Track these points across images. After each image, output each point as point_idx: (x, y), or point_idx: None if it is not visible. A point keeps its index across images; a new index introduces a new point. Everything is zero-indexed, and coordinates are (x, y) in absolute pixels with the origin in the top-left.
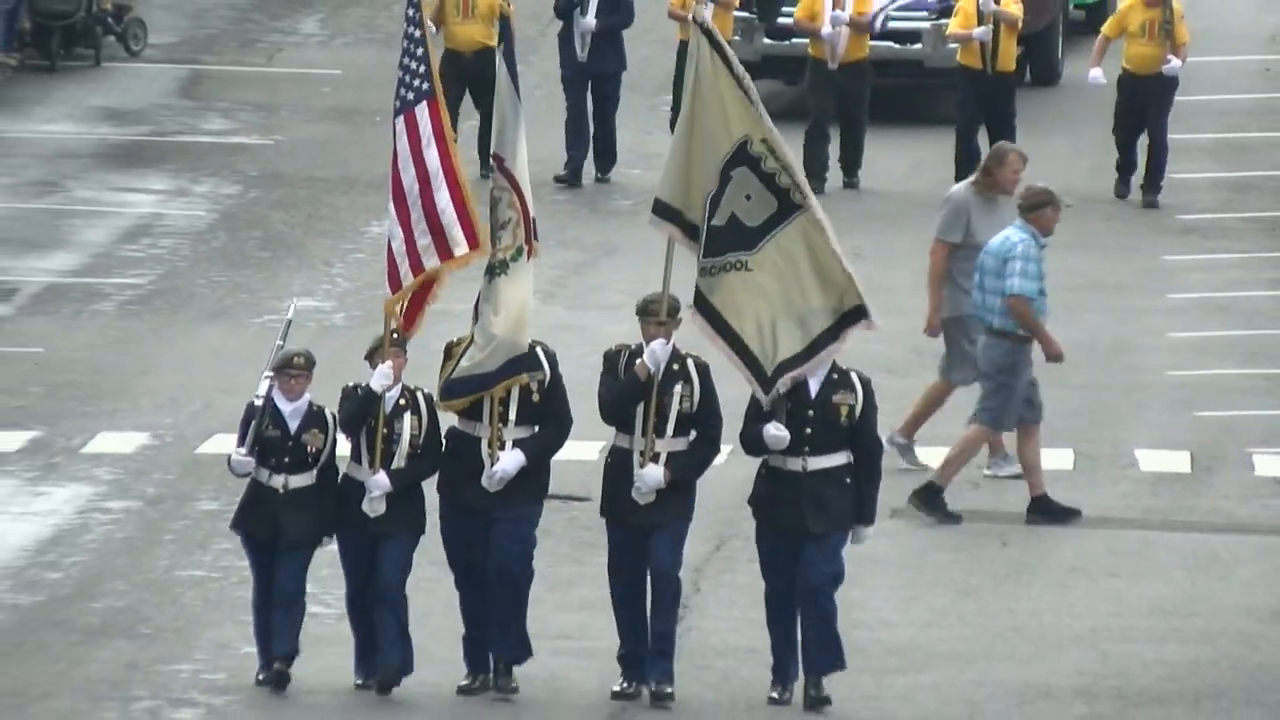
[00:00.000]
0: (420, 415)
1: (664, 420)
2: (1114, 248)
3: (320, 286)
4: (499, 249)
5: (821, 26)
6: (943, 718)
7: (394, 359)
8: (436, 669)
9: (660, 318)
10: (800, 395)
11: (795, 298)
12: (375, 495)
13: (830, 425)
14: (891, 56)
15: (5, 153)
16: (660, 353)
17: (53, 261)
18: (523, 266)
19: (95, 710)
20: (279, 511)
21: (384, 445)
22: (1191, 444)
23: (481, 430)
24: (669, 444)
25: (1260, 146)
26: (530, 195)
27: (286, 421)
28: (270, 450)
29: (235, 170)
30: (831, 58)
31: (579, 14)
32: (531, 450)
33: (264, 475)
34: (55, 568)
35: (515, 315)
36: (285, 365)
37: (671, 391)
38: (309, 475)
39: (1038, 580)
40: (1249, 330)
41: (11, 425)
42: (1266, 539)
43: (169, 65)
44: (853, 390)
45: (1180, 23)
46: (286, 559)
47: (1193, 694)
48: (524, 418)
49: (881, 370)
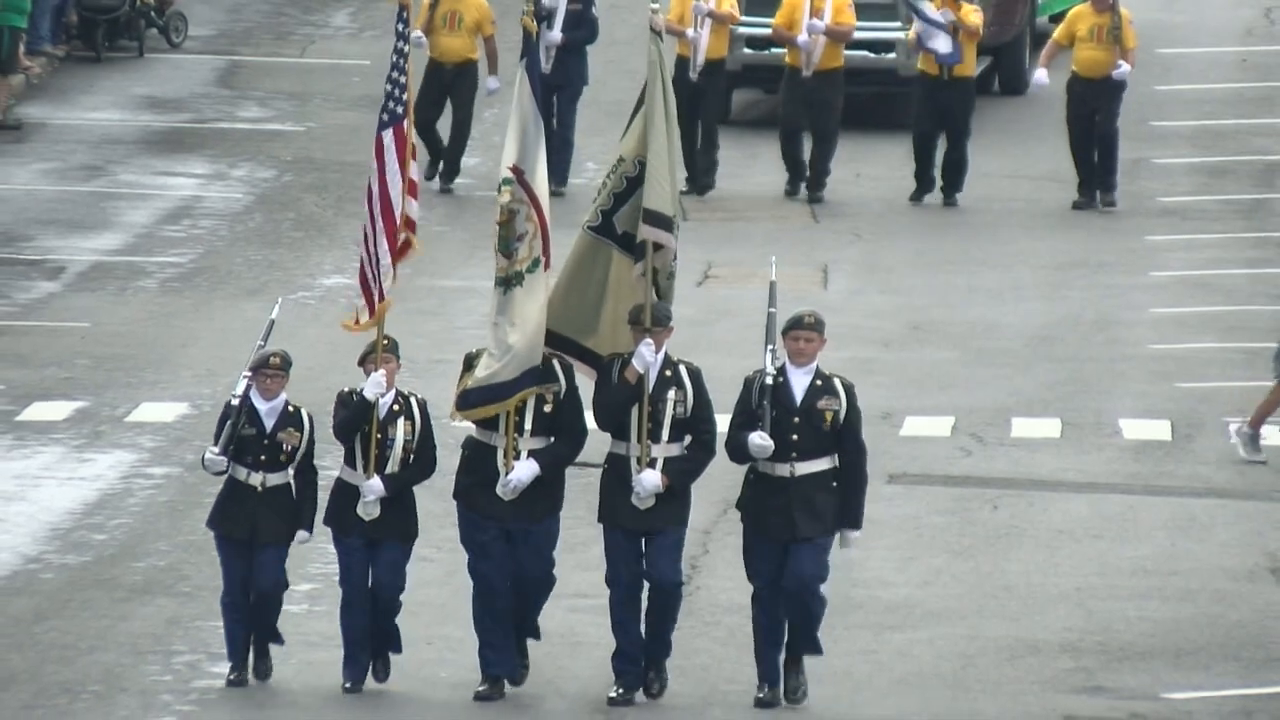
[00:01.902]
0: (414, 420)
1: (658, 426)
2: (1098, 229)
3: (350, 265)
4: (516, 260)
5: (799, 34)
6: (937, 671)
7: (386, 366)
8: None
9: (645, 325)
10: (785, 402)
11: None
12: (369, 500)
13: (815, 430)
14: (866, 65)
15: (54, 139)
16: (648, 355)
17: (98, 241)
18: (539, 278)
19: (139, 663)
20: (256, 509)
21: (378, 450)
22: (1172, 413)
23: (497, 440)
24: (664, 449)
25: (1237, 133)
26: (548, 208)
27: (263, 420)
28: (246, 449)
29: (270, 155)
30: (806, 65)
31: (545, 28)
32: (546, 460)
33: (241, 473)
34: (101, 530)
35: (532, 327)
36: (262, 365)
37: (665, 397)
38: (284, 474)
39: (1027, 542)
40: (1226, 306)
41: (59, 396)
42: (1242, 503)
43: (208, 56)
44: (836, 396)
45: (1128, 27)
46: (264, 555)
47: (1173, 649)
48: (539, 428)
49: (879, 344)
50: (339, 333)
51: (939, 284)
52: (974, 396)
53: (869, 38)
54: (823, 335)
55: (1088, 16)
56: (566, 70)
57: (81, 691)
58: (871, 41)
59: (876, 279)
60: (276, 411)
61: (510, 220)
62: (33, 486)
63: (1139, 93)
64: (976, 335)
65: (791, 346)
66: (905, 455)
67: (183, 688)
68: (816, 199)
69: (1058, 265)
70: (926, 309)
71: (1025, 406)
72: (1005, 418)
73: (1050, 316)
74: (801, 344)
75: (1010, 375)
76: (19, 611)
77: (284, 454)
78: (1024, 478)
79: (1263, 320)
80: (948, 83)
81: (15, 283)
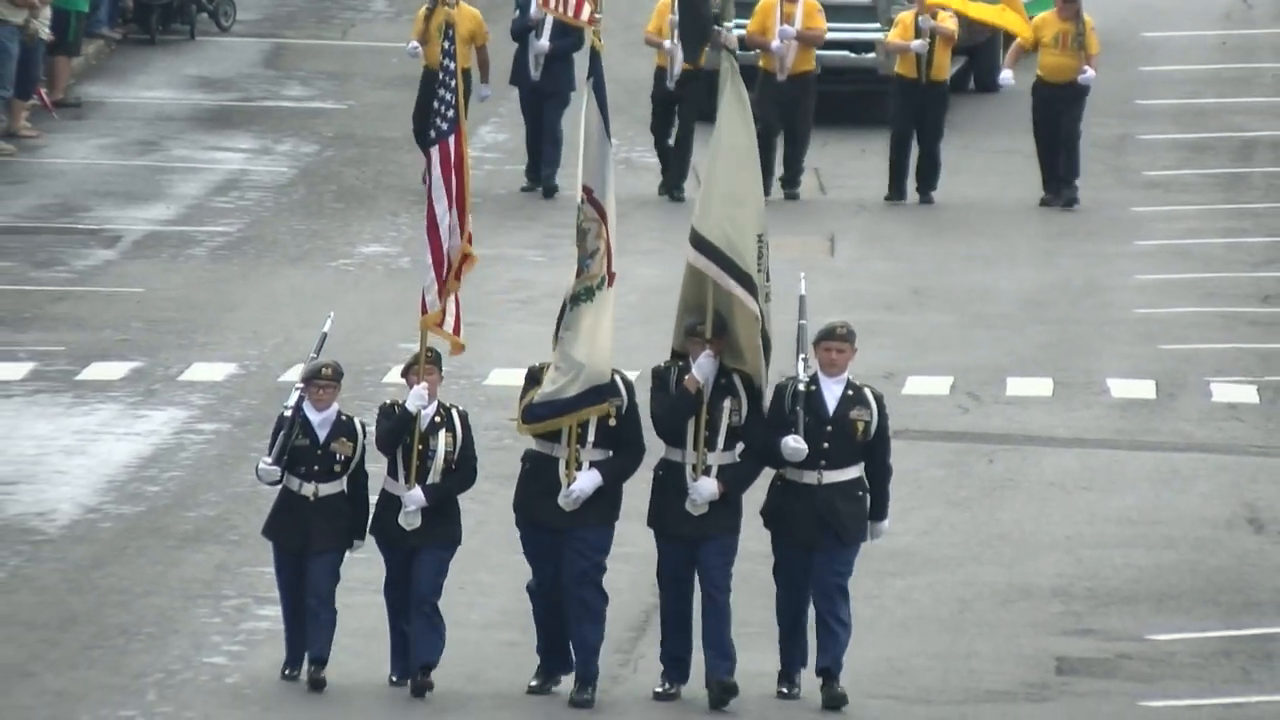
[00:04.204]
0: (455, 432)
1: (714, 434)
2: (1087, 201)
3: (388, 234)
4: (586, 276)
5: (772, 40)
6: (936, 615)
7: (429, 378)
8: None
9: (706, 336)
10: (818, 411)
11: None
12: (411, 510)
13: (846, 440)
14: (846, 65)
15: (111, 116)
16: (708, 366)
17: (152, 212)
18: (606, 294)
19: (190, 606)
20: (310, 519)
21: (419, 461)
22: (1156, 373)
23: (559, 451)
24: (719, 457)
25: (1216, 111)
26: (614, 226)
27: (315, 431)
28: (300, 459)
29: (313, 131)
30: (780, 70)
31: (534, 37)
32: (607, 473)
33: (295, 484)
34: (154, 482)
35: (601, 342)
36: (314, 376)
37: (721, 406)
38: (338, 483)
39: (1020, 494)
40: (1207, 273)
41: (116, 357)
42: (1221, 457)
43: (254, 39)
44: (868, 406)
45: (1091, 34)
46: (318, 564)
47: (1156, 593)
48: (601, 441)
49: (882, 308)
50: (378, 296)
51: (939, 252)
52: (971, 357)
53: (848, 38)
54: (854, 345)
55: (1053, 23)
56: (555, 78)
57: (137, 633)
58: (851, 42)
59: (880, 247)
60: (329, 422)
61: (584, 239)
62: (92, 441)
63: (1125, 74)
64: (973, 300)
65: (824, 357)
66: (906, 412)
67: (231, 629)
68: (792, 195)
69: (1049, 235)
70: (927, 275)
71: (1019, 366)
72: (1000, 377)
73: (1042, 282)
74: (834, 354)
75: (1005, 337)
76: (79, 558)
77: (337, 464)
78: (1017, 433)
79: (1240, 286)
80: (924, 86)
81: (74, 251)
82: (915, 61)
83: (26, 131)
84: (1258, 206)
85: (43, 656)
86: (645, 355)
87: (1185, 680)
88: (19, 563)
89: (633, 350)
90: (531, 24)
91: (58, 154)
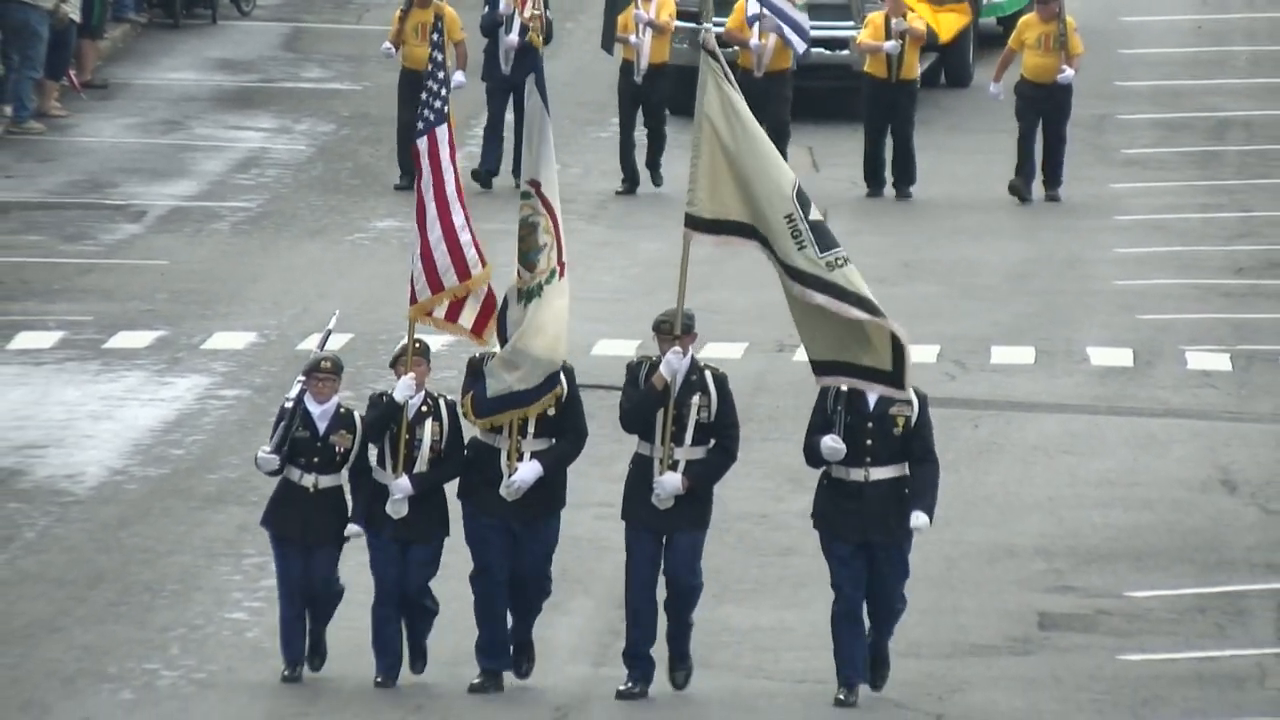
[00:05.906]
0: (442, 422)
1: (682, 429)
2: (1068, 177)
3: (401, 209)
4: (536, 273)
5: (749, 37)
6: (925, 573)
7: (416, 369)
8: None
9: (675, 333)
10: (860, 408)
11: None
12: (398, 498)
13: (887, 436)
14: (822, 62)
15: (137, 97)
16: (676, 364)
17: (176, 188)
18: (558, 286)
19: (212, 564)
20: (309, 510)
21: (406, 450)
22: (1134, 342)
23: (501, 442)
24: (687, 452)
25: (1192, 92)
26: (561, 218)
27: (316, 423)
28: (300, 450)
29: (330, 111)
30: (757, 67)
31: (503, 32)
32: (548, 462)
33: (295, 474)
34: (178, 445)
35: (553, 333)
36: (314, 369)
37: (689, 402)
38: (338, 476)
39: (1004, 457)
40: (1182, 247)
41: (142, 326)
42: (1196, 422)
43: (274, 23)
44: (909, 403)
45: (1074, 35)
46: (317, 555)
47: (1135, 552)
48: (542, 430)
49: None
50: (392, 268)
51: (927, 226)
52: (958, 327)
53: (825, 36)
54: None
55: (1035, 25)
56: (525, 72)
57: (161, 590)
58: (828, 39)
59: (872, 221)
60: (329, 414)
61: (531, 233)
62: (118, 406)
63: (1105, 56)
64: (960, 272)
65: None
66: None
67: (251, 586)
68: None
69: (1033, 210)
70: (917, 249)
71: (1003, 336)
72: (985, 346)
73: (1026, 255)
74: None
75: (990, 308)
76: (106, 518)
77: (337, 455)
78: (1002, 399)
79: (1214, 259)
80: (894, 84)
81: (102, 225)
82: (886, 61)
83: (57, 111)
84: (1231, 183)
85: (71, 612)
86: (645, 326)
87: (1161, 635)
88: (49, 523)
89: (634, 320)
90: (500, 19)
91: (86, 133)
